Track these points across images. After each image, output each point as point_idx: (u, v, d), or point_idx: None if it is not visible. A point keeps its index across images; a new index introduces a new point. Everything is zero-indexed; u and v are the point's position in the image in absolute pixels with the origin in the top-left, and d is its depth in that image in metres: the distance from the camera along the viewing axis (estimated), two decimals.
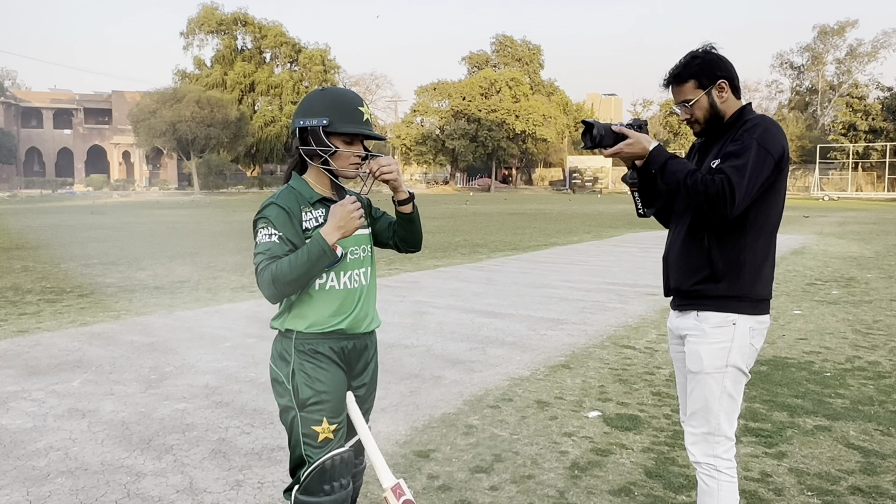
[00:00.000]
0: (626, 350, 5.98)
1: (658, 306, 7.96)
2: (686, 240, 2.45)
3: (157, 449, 3.77)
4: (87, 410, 4.36)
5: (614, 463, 3.62)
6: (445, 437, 3.98)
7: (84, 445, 3.81)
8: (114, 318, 7.16)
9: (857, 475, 3.49)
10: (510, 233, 18.48)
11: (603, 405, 4.53)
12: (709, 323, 2.38)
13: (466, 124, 66.63)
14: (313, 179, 2.32)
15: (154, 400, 4.58)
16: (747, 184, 2.20)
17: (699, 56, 2.42)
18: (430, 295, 8.63)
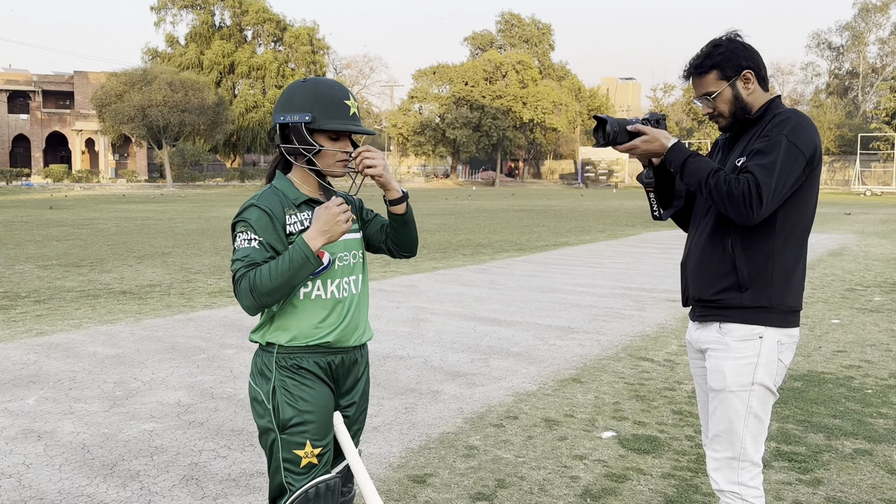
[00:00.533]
0: (643, 363, 5.97)
1: (679, 314, 7.97)
2: (708, 244, 2.45)
3: (121, 475, 3.75)
4: (44, 432, 4.33)
5: (631, 490, 3.62)
6: (444, 459, 3.97)
7: (40, 471, 3.78)
8: (75, 327, 7.13)
9: None
10: (516, 232, 18.47)
11: (618, 424, 4.53)
12: (733, 336, 2.38)
13: (469, 112, 66.63)
14: (298, 179, 2.30)
15: (119, 419, 4.55)
16: (776, 184, 2.21)
17: (722, 44, 2.43)
18: (428, 300, 8.62)
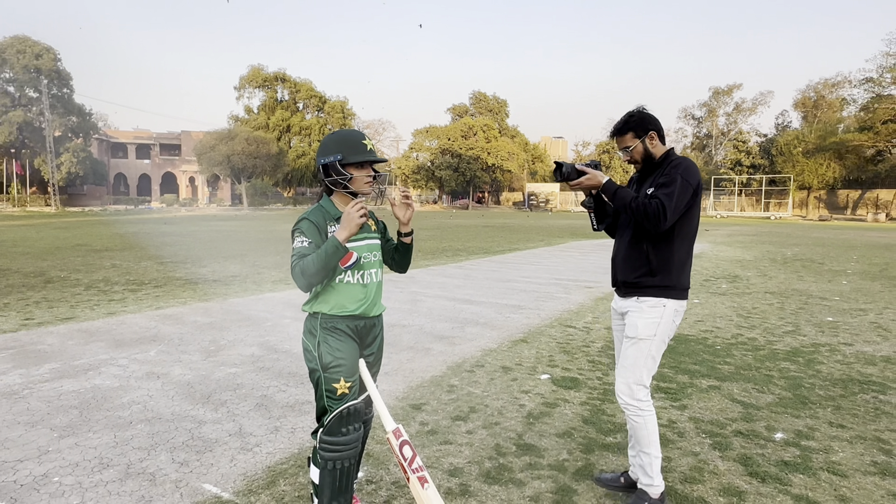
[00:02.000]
0: (568, 329, 5.97)
1: (593, 296, 7.99)
2: (630, 246, 2.57)
3: (214, 403, 3.74)
4: (161, 374, 4.32)
5: (559, 413, 3.64)
6: (433, 393, 3.98)
7: (158, 400, 3.77)
8: (181, 304, 7.09)
9: (739, 422, 3.53)
10: (483, 240, 18.46)
11: (551, 370, 4.54)
12: (646, 304, 2.52)
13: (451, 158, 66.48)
14: (337, 200, 2.36)
15: (212, 366, 4.54)
16: (675, 205, 2.36)
17: (635, 114, 2.57)
18: (422, 287, 8.61)
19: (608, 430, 3.39)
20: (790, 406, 3.79)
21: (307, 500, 2.58)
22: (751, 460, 3.00)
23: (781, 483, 2.77)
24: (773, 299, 7.90)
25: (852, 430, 3.41)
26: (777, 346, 5.37)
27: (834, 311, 7.06)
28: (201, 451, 3.04)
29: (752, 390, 4.10)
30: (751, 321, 6.44)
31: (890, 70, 43.38)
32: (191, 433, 3.27)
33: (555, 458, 3.01)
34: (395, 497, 2.63)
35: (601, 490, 2.71)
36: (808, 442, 3.23)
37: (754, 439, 3.27)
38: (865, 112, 45.93)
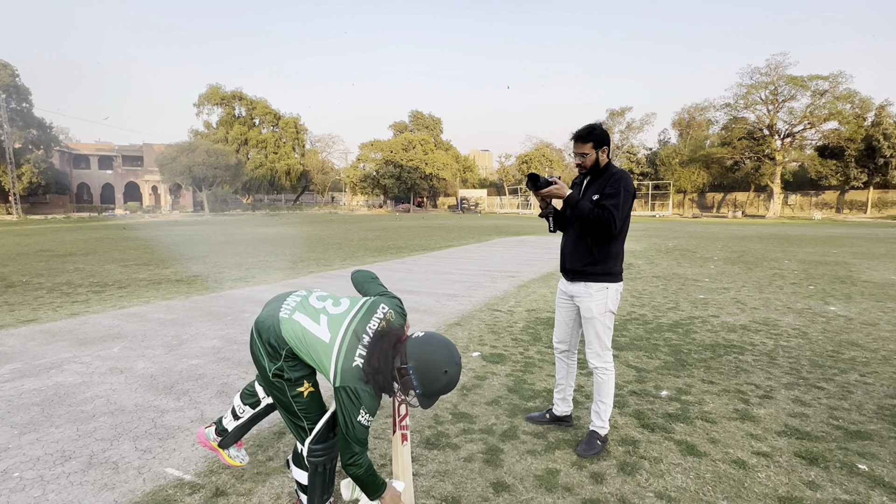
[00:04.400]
0: (495, 312, 6.02)
1: (516, 284, 8.13)
2: (577, 240, 2.70)
3: (177, 392, 3.50)
4: (124, 368, 3.99)
5: (489, 385, 3.67)
6: None
7: (122, 393, 3.49)
8: (145, 303, 6.59)
9: (634, 384, 3.69)
10: (423, 239, 18.43)
11: (481, 348, 4.56)
12: (593, 289, 2.67)
13: (394, 169, 65.96)
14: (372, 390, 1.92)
15: (175, 358, 4.25)
16: (621, 213, 2.53)
17: (597, 128, 2.66)
18: None
19: (529, 396, 3.46)
20: (672, 368, 4.01)
21: (265, 476, 2.46)
22: (643, 414, 3.15)
23: (666, 431, 2.92)
24: (659, 282, 8.35)
25: (719, 384, 3.65)
26: (662, 320, 5.67)
27: (705, 290, 7.55)
28: (164, 438, 2.84)
29: (644, 357, 4.30)
30: (641, 301, 6.77)
31: (743, 97, 46.96)
32: (154, 422, 3.04)
33: (485, 423, 3.04)
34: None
35: (523, 447, 2.76)
36: (687, 397, 3.43)
37: (645, 397, 3.43)
38: (725, 131, 49.49)
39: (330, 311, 1.98)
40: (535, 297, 6.96)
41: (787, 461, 2.59)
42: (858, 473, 2.47)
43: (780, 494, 2.30)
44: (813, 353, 4.40)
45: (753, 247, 15.04)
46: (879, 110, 43.00)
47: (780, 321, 5.60)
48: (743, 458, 2.62)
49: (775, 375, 3.85)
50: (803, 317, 5.82)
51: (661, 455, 2.66)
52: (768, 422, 3.04)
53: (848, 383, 3.69)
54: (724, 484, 2.39)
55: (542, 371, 3.95)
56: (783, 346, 4.65)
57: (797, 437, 2.85)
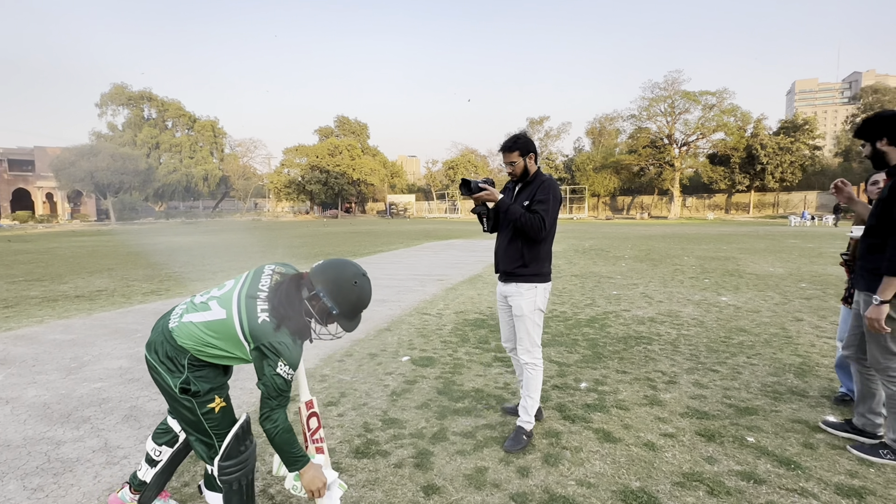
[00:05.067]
0: (424, 316, 6.03)
1: (444, 287, 8.19)
2: (509, 243, 2.79)
3: (75, 421, 3.13)
4: (11, 398, 3.51)
5: (418, 388, 3.65)
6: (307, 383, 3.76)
7: (6, 426, 3.06)
8: (38, 323, 5.85)
9: (556, 378, 3.84)
10: (351, 245, 18.06)
11: (411, 352, 4.53)
12: (523, 288, 2.77)
13: (320, 174, 64.17)
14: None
15: (73, 383, 3.80)
16: (550, 218, 2.66)
17: (522, 137, 2.78)
18: None
19: (458, 397, 3.48)
20: (590, 361, 4.23)
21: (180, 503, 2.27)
22: (564, 407, 3.29)
23: (585, 421, 3.07)
24: (577, 281, 8.79)
25: (631, 374, 3.90)
26: (580, 316, 5.97)
27: (617, 287, 8.06)
28: (59, 473, 2.53)
29: (564, 352, 4.49)
30: (562, 298, 7.09)
31: (645, 109, 50.96)
32: (46, 456, 2.70)
33: (415, 428, 3.02)
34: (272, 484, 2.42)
35: (453, 448, 2.77)
36: (603, 387, 3.63)
37: (566, 390, 3.59)
38: (632, 139, 53.43)
39: (217, 295, 1.92)
40: (463, 300, 7.05)
41: (690, 440, 2.81)
42: (748, 446, 2.74)
43: (684, 471, 2.49)
44: (709, 340, 4.84)
45: (658, 245, 16.31)
46: (757, 123, 48.52)
47: (682, 312, 6.10)
48: (652, 440, 2.81)
49: (678, 362, 4.18)
50: (700, 307, 6.39)
51: (581, 444, 2.78)
52: (673, 405, 3.29)
53: (738, 365, 4.09)
54: (636, 466, 2.54)
55: (471, 371, 4.00)
56: (684, 335, 5.06)
57: (697, 416, 3.11)
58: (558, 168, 61.09)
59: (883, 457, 2.53)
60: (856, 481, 2.38)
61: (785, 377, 3.81)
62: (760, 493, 2.30)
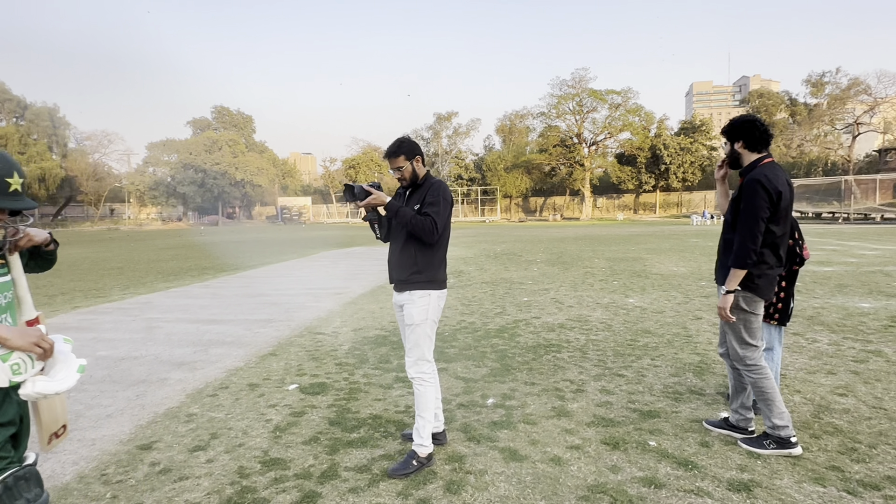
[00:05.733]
0: (318, 336, 5.84)
1: (342, 301, 8.01)
2: (402, 250, 2.86)
3: None
4: None
5: (307, 420, 3.51)
6: (168, 427, 3.43)
7: None
8: None
9: (462, 396, 3.89)
10: (235, 257, 17.03)
11: (300, 378, 4.36)
12: (416, 296, 2.84)
13: (195, 174, 59.89)
14: None
15: None
16: (441, 220, 2.75)
17: (406, 141, 2.84)
18: (161, 312, 7.47)
19: (353, 426, 3.39)
20: (498, 375, 4.35)
21: None
22: (469, 427, 3.34)
23: (491, 441, 3.14)
24: (487, 288, 9.06)
25: (540, 385, 4.08)
26: (489, 326, 6.14)
27: (528, 293, 8.43)
28: None
29: (472, 367, 4.58)
30: (471, 308, 7.25)
31: (555, 107, 54.32)
32: None
33: (301, 467, 2.88)
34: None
35: (345, 486, 2.68)
36: (511, 402, 3.74)
37: (472, 408, 3.65)
38: (542, 138, 56.62)
39: None
40: (363, 315, 6.93)
41: (595, 450, 2.99)
42: (650, 450, 2.97)
43: (589, 484, 2.63)
44: (616, 344, 5.22)
45: (570, 248, 17.38)
46: (660, 123, 53.85)
47: (591, 316, 6.53)
48: (559, 454, 2.94)
49: (586, 369, 4.45)
50: (609, 310, 6.88)
51: (486, 466, 2.83)
52: (580, 415, 3.48)
53: (642, 368, 4.44)
54: (542, 484, 2.64)
55: (369, 396, 3.92)
56: (593, 339, 5.41)
57: (603, 425, 3.31)
58: (468, 167, 62.84)
59: (766, 447, 2.88)
60: (745, 475, 2.68)
61: (685, 377, 4.21)
62: (660, 497, 2.49)
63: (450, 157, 66.64)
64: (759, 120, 2.92)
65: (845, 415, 3.39)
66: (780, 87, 65.65)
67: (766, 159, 2.88)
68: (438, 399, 3.07)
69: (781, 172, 2.84)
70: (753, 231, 2.75)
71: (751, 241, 2.76)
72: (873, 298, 7.29)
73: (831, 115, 51.62)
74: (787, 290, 3.46)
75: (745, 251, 2.77)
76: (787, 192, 2.81)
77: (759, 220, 2.74)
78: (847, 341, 5.14)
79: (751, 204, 2.75)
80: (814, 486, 2.56)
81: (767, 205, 2.73)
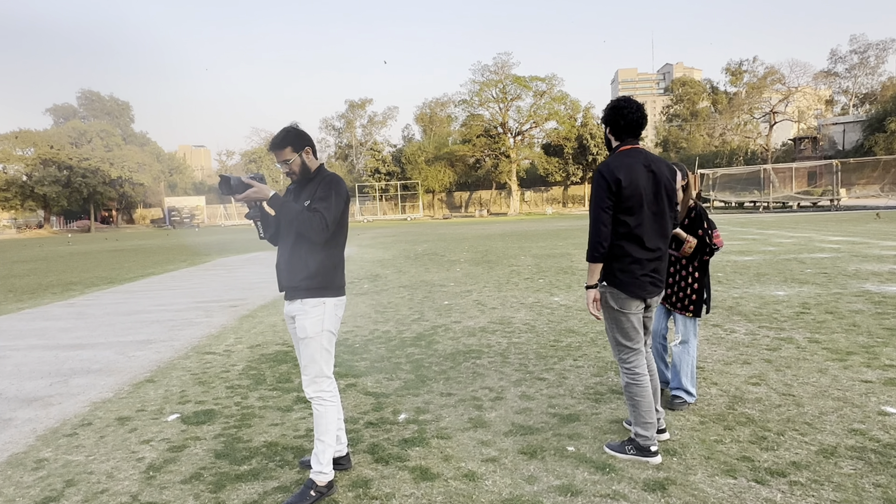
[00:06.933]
0: (207, 356, 5.56)
1: (238, 315, 7.70)
2: (292, 253, 2.76)
3: None
4: None
5: (188, 455, 3.31)
6: (10, 478, 3.11)
7: None
8: None
9: (371, 413, 3.85)
10: (108, 268, 15.83)
11: (182, 407, 4.12)
12: (309, 304, 2.74)
13: (58, 171, 55.02)
14: None
15: None
16: (332, 216, 2.66)
17: (292, 130, 2.76)
18: (9, 338, 6.79)
19: (243, 457, 3.25)
20: (413, 387, 4.35)
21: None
22: (378, 447, 3.30)
23: (401, 460, 3.12)
24: (405, 292, 9.06)
25: (457, 395, 4.12)
26: (405, 334, 6.13)
27: (450, 295, 8.53)
28: None
29: (384, 380, 4.55)
30: (386, 315, 7.21)
31: (477, 94, 55.38)
32: None
33: None
34: None
35: None
36: (425, 416, 3.75)
37: (382, 426, 3.62)
38: (465, 128, 57.53)
39: None
40: (262, 329, 6.69)
41: (512, 461, 3.06)
42: (567, 456, 3.09)
43: (504, 498, 2.69)
44: (539, 346, 5.39)
45: (496, 245, 17.78)
46: (586, 112, 56.39)
47: (514, 318, 6.71)
48: (473, 469, 2.98)
49: (507, 374, 4.56)
50: (533, 310, 7.11)
51: (393, 489, 2.81)
52: (498, 424, 3.55)
53: (564, 370, 4.62)
54: (454, 503, 2.67)
55: (264, 421, 3.78)
56: (515, 342, 5.56)
57: (521, 433, 3.40)
58: (386, 160, 62.60)
59: (627, 452, 3.04)
60: (661, 473, 2.85)
61: (607, 376, 4.43)
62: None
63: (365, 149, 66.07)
64: (623, 105, 2.95)
65: (757, 404, 3.71)
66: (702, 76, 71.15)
67: (623, 147, 2.95)
68: (341, 419, 3.01)
69: (635, 159, 2.87)
70: (596, 223, 2.87)
71: (595, 233, 2.88)
72: (787, 286, 8.07)
73: (750, 103, 56.72)
74: (701, 280, 3.73)
75: (591, 244, 2.91)
76: (637, 180, 2.82)
77: (601, 211, 2.83)
78: (762, 330, 5.64)
79: (593, 195, 2.91)
80: (725, 478, 2.77)
81: (607, 194, 2.81)
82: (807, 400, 3.74)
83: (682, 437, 3.26)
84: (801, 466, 2.85)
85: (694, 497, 2.61)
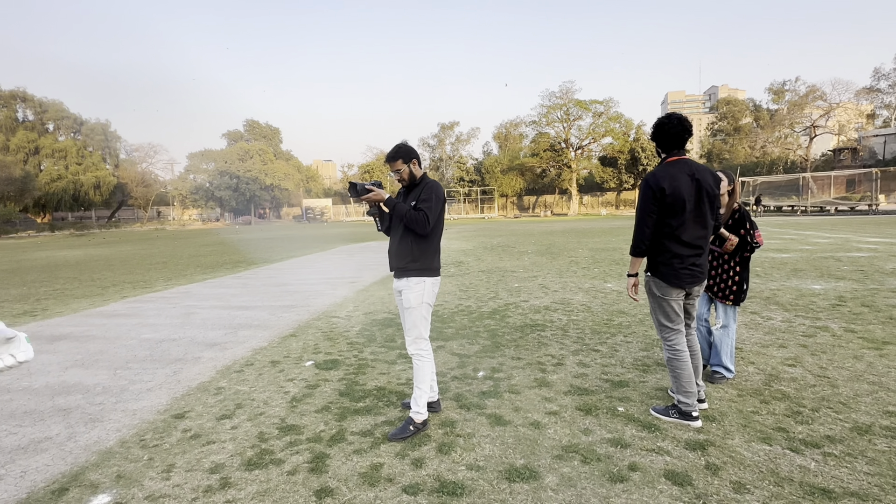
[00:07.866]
0: (333, 319, 5.86)
1: (356, 289, 8.02)
2: (401, 242, 2.85)
3: None
4: None
5: (320, 392, 3.53)
6: (199, 399, 3.47)
7: None
8: None
9: (456, 370, 3.90)
10: (263, 251, 17.08)
11: (315, 356, 4.37)
12: (413, 282, 2.83)
13: (230, 180, 60.05)
14: None
15: None
16: (433, 215, 2.76)
17: (402, 147, 2.87)
18: (198, 300, 7.51)
19: (360, 397, 3.41)
20: (489, 351, 4.35)
21: None
22: (462, 397, 3.34)
23: (480, 408, 3.14)
24: (483, 276, 9.04)
25: (525, 359, 4.07)
26: (483, 309, 6.13)
27: (519, 279, 8.41)
28: None
29: (466, 344, 4.58)
30: (468, 293, 7.24)
31: (545, 116, 53.90)
32: None
33: (313, 432, 2.90)
34: None
35: (350, 448, 2.70)
36: (499, 374, 3.75)
37: (465, 380, 3.65)
38: (534, 144, 56.22)
39: None
40: (374, 300, 6.95)
41: (570, 415, 2.99)
42: (618, 415, 2.97)
43: (563, 444, 2.63)
44: (594, 323, 5.20)
45: (558, 240, 17.29)
46: (638, 129, 53.24)
47: (573, 299, 6.50)
48: (538, 419, 2.94)
49: (566, 345, 4.44)
50: (589, 294, 6.85)
51: (474, 430, 2.84)
52: (559, 385, 3.48)
53: (616, 344, 4.43)
54: (522, 445, 2.65)
55: (375, 370, 3.94)
56: (573, 319, 5.39)
57: (578, 393, 3.31)
58: (469, 170, 62.57)
59: (670, 416, 2.86)
60: (701, 436, 2.67)
61: (653, 351, 4.19)
62: (625, 455, 2.49)
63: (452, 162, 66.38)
64: (665, 122, 2.78)
65: (793, 383, 3.37)
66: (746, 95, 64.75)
67: (669, 158, 2.77)
68: (434, 372, 3.07)
69: (680, 169, 2.69)
70: (640, 225, 2.78)
71: (638, 233, 2.78)
72: (824, 281, 7.23)
73: (791, 119, 50.96)
74: (741, 274, 3.43)
75: (634, 241, 2.82)
76: (680, 188, 2.65)
77: (646, 215, 2.73)
78: (798, 318, 5.10)
79: (639, 200, 2.80)
80: (761, 444, 2.55)
81: (651, 201, 2.70)
82: (842, 382, 3.35)
83: (721, 407, 3.03)
84: (835, 440, 2.56)
85: (731, 458, 2.43)
